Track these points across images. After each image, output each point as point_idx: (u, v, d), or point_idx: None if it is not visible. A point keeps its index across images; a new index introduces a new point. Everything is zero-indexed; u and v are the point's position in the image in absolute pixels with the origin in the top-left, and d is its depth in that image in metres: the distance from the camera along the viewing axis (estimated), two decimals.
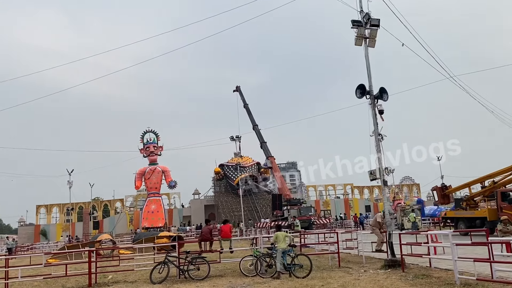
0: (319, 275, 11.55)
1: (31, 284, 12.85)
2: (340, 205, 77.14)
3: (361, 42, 13.38)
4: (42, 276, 12.23)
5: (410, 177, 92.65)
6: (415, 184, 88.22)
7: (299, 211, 46.49)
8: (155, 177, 51.84)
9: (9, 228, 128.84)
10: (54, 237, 63.50)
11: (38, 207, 69.82)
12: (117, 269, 13.55)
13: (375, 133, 12.71)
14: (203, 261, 12.36)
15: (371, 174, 12.67)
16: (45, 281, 12.89)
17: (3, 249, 33.88)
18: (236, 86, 72.91)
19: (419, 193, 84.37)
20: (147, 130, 52.69)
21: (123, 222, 68.40)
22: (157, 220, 50.55)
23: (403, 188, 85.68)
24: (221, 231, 13.31)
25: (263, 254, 12.42)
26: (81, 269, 13.14)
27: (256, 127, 65.12)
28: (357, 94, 13.08)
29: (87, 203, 70.89)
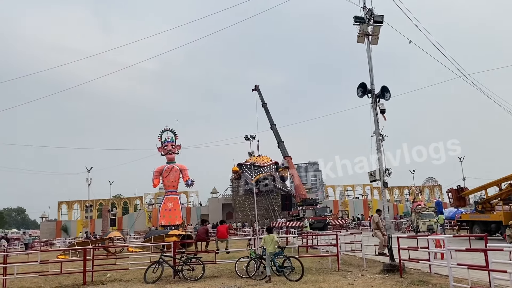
0: (313, 278, 11.26)
1: (31, 281, 12.95)
2: (358, 206, 76.11)
3: (363, 39, 12.99)
4: (38, 273, 12.32)
5: (434, 178, 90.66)
6: (437, 185, 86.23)
7: (314, 211, 45.99)
8: (173, 175, 52.16)
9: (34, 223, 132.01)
10: (74, 233, 64.77)
11: (59, 203, 71.32)
12: (113, 268, 13.53)
13: (376, 133, 12.31)
14: (198, 262, 12.23)
15: (371, 175, 12.28)
16: (44, 278, 13.00)
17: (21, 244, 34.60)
18: (255, 85, 72.67)
19: (441, 194, 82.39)
20: (165, 129, 53.04)
21: (141, 219, 69.18)
22: (174, 218, 50.91)
23: (425, 190, 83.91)
24: (217, 231, 13.13)
25: (258, 256, 12.20)
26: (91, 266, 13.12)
27: (274, 126, 64.78)
28: (358, 93, 12.71)
29: (107, 200, 72.00)
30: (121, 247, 19.46)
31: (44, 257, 19.52)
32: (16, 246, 32.84)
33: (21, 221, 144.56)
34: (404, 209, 75.14)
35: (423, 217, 30.64)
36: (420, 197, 69.43)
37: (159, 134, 52.47)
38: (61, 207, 71.21)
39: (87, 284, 11.80)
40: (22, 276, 12.43)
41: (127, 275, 13.29)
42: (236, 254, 13.83)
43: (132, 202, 76.40)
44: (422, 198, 73.36)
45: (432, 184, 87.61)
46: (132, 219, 69.05)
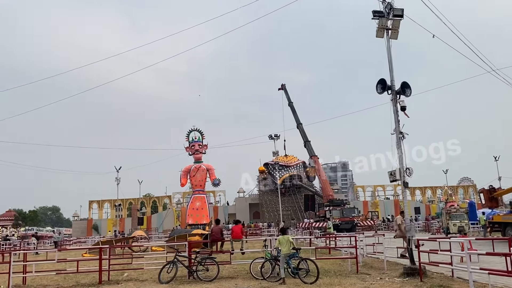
0: (329, 281, 10.90)
1: (50, 279, 13.15)
2: (389, 207, 74.53)
3: (382, 34, 12.52)
4: (55, 271, 12.49)
5: (469, 177, 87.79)
6: (472, 185, 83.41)
7: (341, 212, 45.24)
8: (200, 175, 52.40)
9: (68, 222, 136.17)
10: (105, 232, 66.23)
11: (90, 202, 73.13)
12: (129, 267, 13.56)
13: (396, 131, 11.81)
14: (212, 262, 12.08)
15: (391, 175, 11.79)
16: (64, 277, 13.17)
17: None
18: (281, 84, 72.43)
19: (476, 195, 79.66)
20: (192, 129, 53.34)
21: (170, 218, 70.03)
22: (201, 217, 51.17)
23: (458, 190, 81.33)
24: (232, 231, 12.95)
25: (273, 257, 11.93)
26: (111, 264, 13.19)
27: (300, 125, 64.23)
28: (378, 90, 12.25)
29: (136, 199, 73.29)
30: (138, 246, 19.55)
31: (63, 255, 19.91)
32: (46, 244, 33.78)
33: (56, 220, 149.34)
34: (436, 209, 73.05)
35: (454, 218, 29.52)
36: (453, 198, 67.37)
37: (187, 134, 52.80)
38: (92, 206, 72.98)
39: (103, 283, 11.84)
40: (41, 274, 12.63)
41: (144, 274, 13.30)
42: (251, 255, 13.62)
43: (161, 201, 77.47)
44: (456, 198, 71.16)
45: (466, 184, 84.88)
46: (160, 218, 70.01)
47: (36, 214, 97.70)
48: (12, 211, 69.06)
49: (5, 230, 61.10)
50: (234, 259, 13.16)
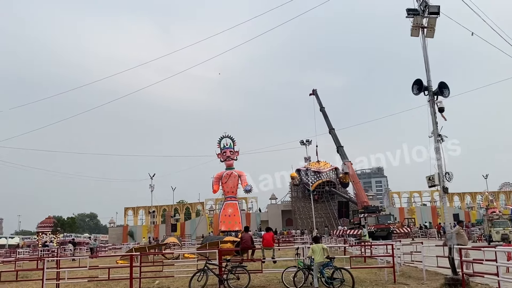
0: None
1: (84, 285, 13.23)
2: (426, 213, 72.19)
3: (417, 32, 11.98)
4: (87, 278, 12.54)
5: (511, 183, 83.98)
6: None
7: (377, 219, 44.01)
8: (232, 181, 52.48)
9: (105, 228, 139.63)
10: (140, 238, 67.22)
11: (126, 209, 74.49)
12: (160, 275, 13.47)
13: (434, 133, 11.23)
14: (243, 270, 11.80)
15: (430, 180, 11.19)
16: (96, 284, 13.22)
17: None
18: (312, 90, 71.78)
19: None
20: (224, 136, 53.54)
21: (203, 225, 70.36)
22: (234, 224, 51.13)
23: (499, 196, 77.88)
24: (263, 239, 12.61)
25: (306, 266, 11.53)
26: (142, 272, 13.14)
27: (333, 130, 63.28)
28: (414, 91, 11.71)
29: (170, 205, 74.12)
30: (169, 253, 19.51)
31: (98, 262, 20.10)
32: (83, 250, 34.48)
33: (93, 226, 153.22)
34: (476, 216, 70.15)
35: (497, 225, 28.09)
36: (494, 204, 64.46)
37: (218, 140, 53.09)
38: (128, 213, 74.30)
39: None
40: (74, 281, 12.71)
41: (175, 282, 13.17)
42: (283, 263, 13.26)
43: (194, 208, 78.02)
44: (497, 204, 68.08)
45: (508, 189, 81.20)
46: (194, 225, 70.46)
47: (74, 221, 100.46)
48: (51, 217, 71.01)
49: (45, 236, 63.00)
50: (266, 268, 12.84)
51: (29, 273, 16.40)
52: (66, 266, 15.35)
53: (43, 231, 65.77)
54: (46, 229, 66.45)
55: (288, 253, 20.43)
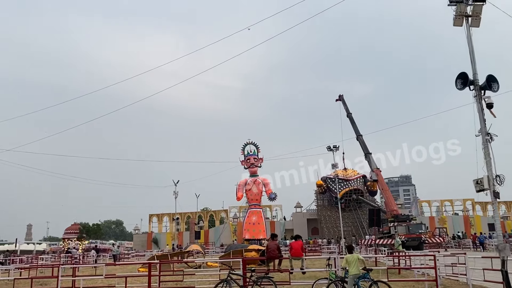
0: None
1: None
2: (458, 223, 69.46)
3: (461, 22, 10.88)
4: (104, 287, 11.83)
5: None
6: None
7: (407, 228, 42.23)
8: (256, 188, 51.33)
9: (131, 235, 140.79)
10: (164, 245, 66.95)
11: (150, 216, 74.47)
12: (180, 285, 12.64)
13: (482, 132, 10.07)
14: (269, 282, 10.86)
15: (478, 183, 10.02)
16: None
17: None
18: (339, 95, 70.30)
19: None
20: (247, 142, 52.47)
21: (227, 232, 69.61)
22: (258, 232, 49.93)
23: None
24: (291, 248, 11.61)
25: (340, 278, 10.48)
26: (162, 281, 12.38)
27: (360, 137, 61.66)
28: (458, 85, 10.59)
29: (194, 213, 73.72)
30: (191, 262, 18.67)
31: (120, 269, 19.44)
32: (106, 257, 34.17)
33: (119, 233, 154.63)
34: None
35: None
36: None
37: (242, 147, 52.12)
38: (152, 220, 74.26)
39: None
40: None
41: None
42: (312, 274, 12.23)
43: (218, 215, 77.40)
44: None
45: None
46: (218, 232, 69.77)
47: (99, 228, 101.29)
48: (77, 224, 71.76)
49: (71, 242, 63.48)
50: (294, 279, 11.84)
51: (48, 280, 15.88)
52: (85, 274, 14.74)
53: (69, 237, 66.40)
54: (72, 236, 67.06)
55: (315, 263, 19.33)
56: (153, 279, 11.60)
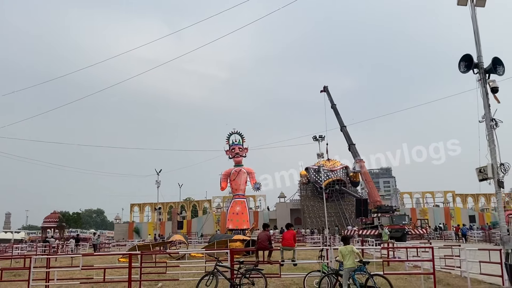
0: None
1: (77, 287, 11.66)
2: (439, 215, 70.24)
3: (465, 0, 10.28)
4: (80, 280, 11.00)
5: None
6: None
7: (391, 219, 42.24)
8: (240, 178, 50.80)
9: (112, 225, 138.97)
10: (145, 235, 65.98)
11: (132, 205, 73.19)
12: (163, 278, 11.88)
13: (486, 117, 9.54)
14: (258, 274, 10.20)
15: (481, 172, 9.51)
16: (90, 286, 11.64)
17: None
18: (323, 86, 69.94)
19: None
20: (232, 132, 51.76)
21: (210, 222, 68.94)
22: (241, 222, 49.58)
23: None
24: (283, 238, 10.95)
25: (334, 271, 9.88)
26: (143, 273, 11.55)
27: (344, 128, 61.53)
28: (461, 68, 10.03)
29: (176, 202, 72.78)
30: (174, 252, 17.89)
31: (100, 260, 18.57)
32: (86, 247, 33.12)
33: (100, 222, 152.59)
34: (491, 218, 68.05)
35: None
36: (511, 206, 62.27)
37: (227, 137, 51.37)
38: (133, 209, 73.03)
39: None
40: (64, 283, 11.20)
41: (180, 285, 11.61)
42: (304, 266, 11.62)
43: (201, 205, 76.59)
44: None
45: None
46: (200, 223, 69.02)
47: (79, 217, 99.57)
48: (56, 213, 70.03)
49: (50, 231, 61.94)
50: (284, 271, 11.20)
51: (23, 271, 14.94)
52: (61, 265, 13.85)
53: (48, 226, 64.75)
54: (51, 224, 65.38)
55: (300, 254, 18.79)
56: (134, 271, 10.82)
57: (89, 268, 11.70)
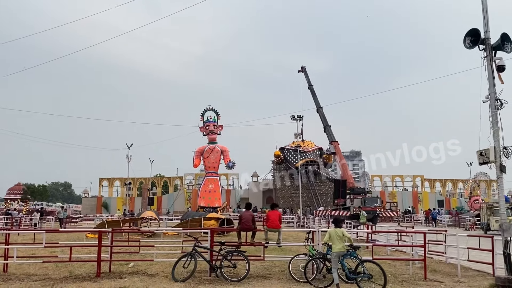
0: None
1: (40, 266, 10.59)
2: (407, 198, 71.77)
3: None
4: (43, 258, 10.00)
5: (485, 173, 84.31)
6: (492, 180, 79.87)
7: (363, 201, 42.42)
8: (214, 156, 49.99)
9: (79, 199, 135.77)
10: (114, 210, 64.51)
11: (101, 179, 71.25)
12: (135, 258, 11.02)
13: (491, 97, 8.95)
14: (241, 256, 9.47)
15: (482, 155, 8.96)
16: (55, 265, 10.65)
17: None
18: (301, 67, 69.45)
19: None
20: (207, 108, 50.61)
21: (181, 200, 68.06)
22: (213, 200, 49.04)
23: (481, 184, 77.77)
24: (268, 218, 10.22)
25: (321, 255, 9.25)
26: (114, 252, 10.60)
27: (321, 109, 61.32)
28: (466, 44, 9.36)
29: (147, 178, 71.33)
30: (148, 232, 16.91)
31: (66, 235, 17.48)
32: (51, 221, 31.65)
33: (67, 196, 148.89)
34: (457, 203, 69.93)
35: (497, 214, 26.54)
36: (478, 192, 64.02)
37: (201, 113, 50.18)
38: (102, 184, 71.15)
39: (102, 277, 9.31)
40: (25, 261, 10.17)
41: (154, 266, 10.78)
42: (288, 248, 10.99)
43: (172, 182, 75.41)
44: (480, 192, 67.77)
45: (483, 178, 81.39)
46: (171, 199, 68.04)
47: (45, 189, 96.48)
48: (21, 184, 67.34)
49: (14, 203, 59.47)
50: (268, 254, 10.51)
51: None
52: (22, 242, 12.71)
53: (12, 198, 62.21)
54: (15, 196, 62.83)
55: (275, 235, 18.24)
56: (103, 249, 9.89)
57: (53, 245, 10.70)
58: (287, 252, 10.97)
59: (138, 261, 10.90)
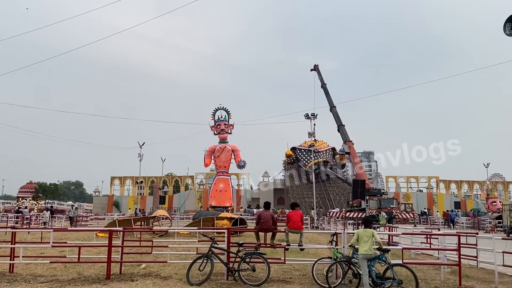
0: None
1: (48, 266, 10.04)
2: (422, 199, 70.50)
3: None
4: (50, 258, 9.46)
5: (501, 174, 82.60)
6: (509, 181, 78.30)
7: (379, 202, 41.48)
8: (225, 155, 49.44)
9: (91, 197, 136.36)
10: (125, 209, 64.35)
11: (112, 178, 71.18)
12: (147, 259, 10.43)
13: None
14: (260, 259, 8.83)
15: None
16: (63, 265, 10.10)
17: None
18: (314, 65, 68.54)
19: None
20: (218, 107, 50.06)
21: (192, 199, 67.68)
22: (224, 200, 48.51)
23: (497, 186, 76.15)
24: (289, 219, 9.55)
25: (346, 258, 8.56)
26: (125, 253, 10.02)
27: (334, 108, 60.46)
28: (506, 30, 8.60)
29: (158, 177, 71.11)
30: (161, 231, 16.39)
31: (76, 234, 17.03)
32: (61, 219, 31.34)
33: (79, 195, 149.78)
34: (474, 205, 68.49)
35: None
36: (495, 193, 62.60)
37: (212, 112, 49.67)
38: (114, 182, 71.11)
39: (112, 279, 8.73)
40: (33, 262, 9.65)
41: (167, 268, 10.17)
42: (311, 252, 10.32)
43: (184, 181, 75.12)
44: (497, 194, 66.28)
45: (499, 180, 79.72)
46: (182, 198, 67.70)
47: (57, 188, 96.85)
48: (33, 183, 67.64)
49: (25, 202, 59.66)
50: (289, 257, 9.83)
51: None
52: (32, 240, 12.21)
53: (24, 196, 62.47)
54: (27, 195, 63.12)
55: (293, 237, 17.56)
56: (114, 250, 9.33)
57: (61, 245, 10.16)
58: (305, 255, 10.27)
59: (150, 262, 10.30)
